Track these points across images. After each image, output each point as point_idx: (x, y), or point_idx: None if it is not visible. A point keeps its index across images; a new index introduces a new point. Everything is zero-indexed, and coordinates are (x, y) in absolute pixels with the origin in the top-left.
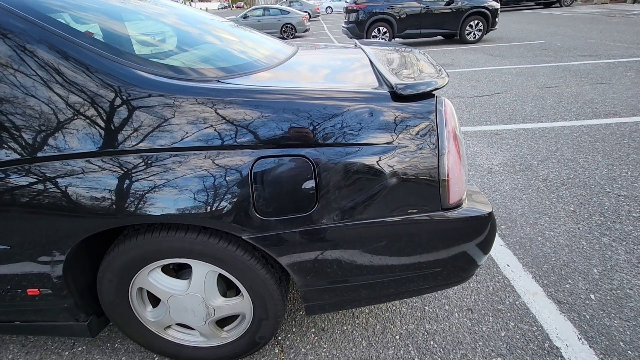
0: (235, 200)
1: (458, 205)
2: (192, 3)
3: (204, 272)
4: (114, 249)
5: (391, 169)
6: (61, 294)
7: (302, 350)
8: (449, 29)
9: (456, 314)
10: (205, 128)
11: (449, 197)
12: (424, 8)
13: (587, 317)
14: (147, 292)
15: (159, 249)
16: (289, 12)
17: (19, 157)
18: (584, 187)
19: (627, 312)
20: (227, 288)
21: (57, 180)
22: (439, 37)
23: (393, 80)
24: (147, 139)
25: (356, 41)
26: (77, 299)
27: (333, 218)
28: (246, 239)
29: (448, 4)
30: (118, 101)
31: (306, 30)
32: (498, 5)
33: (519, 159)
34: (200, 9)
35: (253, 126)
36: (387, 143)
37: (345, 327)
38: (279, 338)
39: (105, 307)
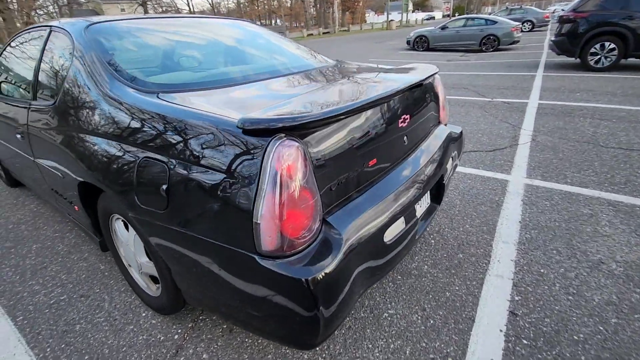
0: (126, 186)
1: (278, 256)
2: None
3: (133, 232)
4: (100, 199)
5: (218, 195)
6: (84, 215)
7: (203, 336)
8: None
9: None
10: (126, 125)
11: (261, 243)
12: None
13: None
14: None
15: (110, 205)
16: (495, 22)
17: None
18: None
19: None
20: None
21: (71, 145)
22: None
23: (253, 113)
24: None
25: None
26: (92, 222)
27: (177, 222)
28: (130, 216)
29: None
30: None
31: (513, 43)
32: None
33: None
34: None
35: (146, 132)
36: (220, 170)
37: (246, 339)
38: (200, 319)
39: (105, 236)
